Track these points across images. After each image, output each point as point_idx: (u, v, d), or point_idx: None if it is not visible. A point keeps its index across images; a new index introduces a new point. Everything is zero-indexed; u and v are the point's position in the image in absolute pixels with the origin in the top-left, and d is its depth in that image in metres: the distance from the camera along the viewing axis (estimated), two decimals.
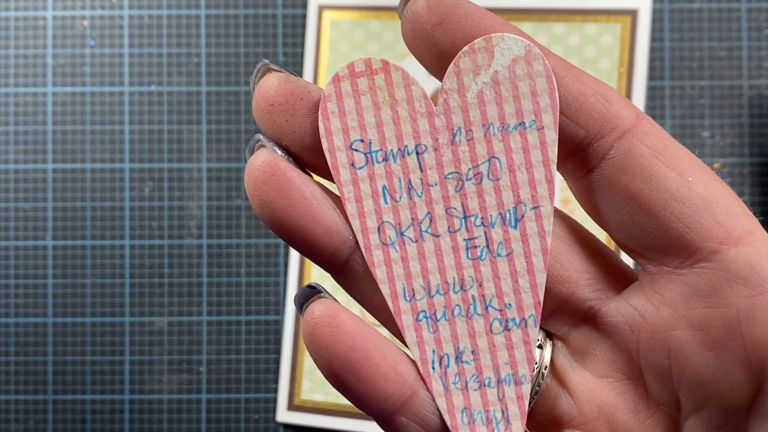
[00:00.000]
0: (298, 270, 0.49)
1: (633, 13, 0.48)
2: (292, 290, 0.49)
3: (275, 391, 0.49)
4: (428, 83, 0.48)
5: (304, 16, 0.50)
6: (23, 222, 0.50)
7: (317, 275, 0.48)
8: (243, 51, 0.50)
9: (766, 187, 0.48)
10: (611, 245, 0.42)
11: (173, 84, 0.50)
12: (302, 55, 0.50)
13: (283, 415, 0.48)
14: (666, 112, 0.49)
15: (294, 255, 0.49)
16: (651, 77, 0.49)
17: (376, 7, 0.49)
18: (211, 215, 0.49)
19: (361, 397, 0.19)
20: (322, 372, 0.19)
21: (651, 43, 0.49)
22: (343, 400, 0.48)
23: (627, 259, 0.41)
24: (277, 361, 0.49)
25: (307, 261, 0.48)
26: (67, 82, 0.50)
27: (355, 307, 0.44)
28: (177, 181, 0.49)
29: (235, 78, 0.50)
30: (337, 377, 0.19)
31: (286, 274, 0.49)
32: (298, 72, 0.50)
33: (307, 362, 0.48)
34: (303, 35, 0.50)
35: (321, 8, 0.49)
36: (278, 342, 0.49)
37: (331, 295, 0.19)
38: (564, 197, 0.47)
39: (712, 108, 0.49)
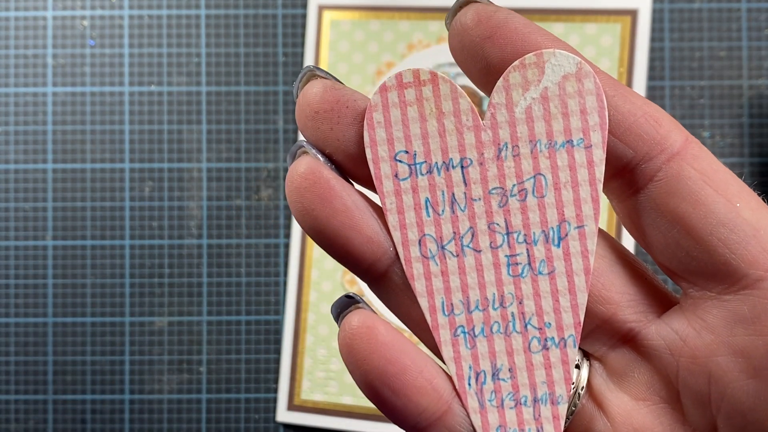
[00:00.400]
0: (298, 270, 0.49)
1: (633, 13, 0.48)
2: (292, 290, 0.49)
3: (275, 391, 0.49)
4: None
5: (304, 16, 0.50)
6: (23, 222, 0.50)
7: (317, 275, 0.48)
8: (243, 51, 0.50)
9: (766, 187, 0.48)
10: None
11: (173, 84, 0.50)
12: (302, 55, 0.50)
13: (283, 415, 0.48)
14: (666, 112, 0.49)
15: (294, 255, 0.49)
16: (651, 77, 0.49)
17: (376, 7, 0.49)
18: (211, 215, 0.49)
19: (396, 411, 0.19)
20: (357, 383, 0.19)
21: (651, 43, 0.49)
22: (342, 401, 0.48)
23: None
24: (277, 361, 0.49)
25: (307, 261, 0.48)
26: (67, 82, 0.50)
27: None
28: (177, 181, 0.49)
29: (235, 78, 0.50)
30: (372, 389, 0.18)
31: (286, 274, 0.49)
32: (298, 72, 0.50)
33: (307, 362, 0.48)
34: (303, 35, 0.50)
35: (321, 8, 0.49)
36: (278, 342, 0.49)
37: (368, 306, 0.19)
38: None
39: (712, 108, 0.49)
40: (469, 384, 0.19)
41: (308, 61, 0.49)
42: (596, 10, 0.48)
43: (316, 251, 0.48)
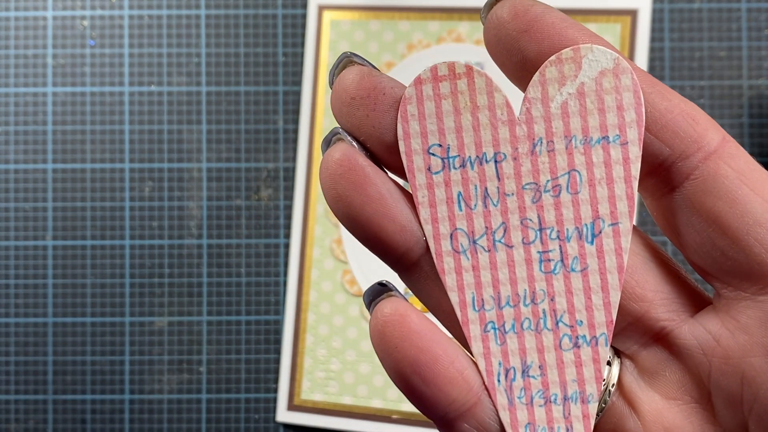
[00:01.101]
0: (298, 270, 0.49)
1: (633, 13, 0.48)
2: (292, 290, 0.49)
3: (275, 391, 0.49)
4: None
5: (304, 16, 0.50)
6: (23, 222, 0.50)
7: (317, 275, 0.48)
8: (243, 51, 0.50)
9: None
10: None
11: (173, 84, 0.50)
12: (302, 55, 0.50)
13: (283, 415, 0.48)
14: None
15: (294, 255, 0.49)
16: None
17: (376, 7, 0.49)
18: (211, 215, 0.49)
19: (426, 400, 0.18)
20: (387, 371, 0.19)
21: (651, 43, 0.49)
22: (342, 401, 0.48)
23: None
24: (277, 361, 0.49)
25: (307, 261, 0.48)
26: (67, 82, 0.50)
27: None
28: (177, 181, 0.49)
29: (235, 78, 0.50)
30: (403, 378, 0.18)
31: (286, 274, 0.49)
32: (298, 72, 0.50)
33: (307, 362, 0.48)
34: (303, 35, 0.50)
35: (321, 8, 0.49)
36: (278, 342, 0.49)
37: (401, 294, 0.19)
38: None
39: (712, 108, 0.49)
40: (498, 380, 0.19)
41: (308, 61, 0.49)
42: (596, 10, 0.48)
43: (316, 251, 0.49)
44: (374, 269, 0.48)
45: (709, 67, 0.49)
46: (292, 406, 0.48)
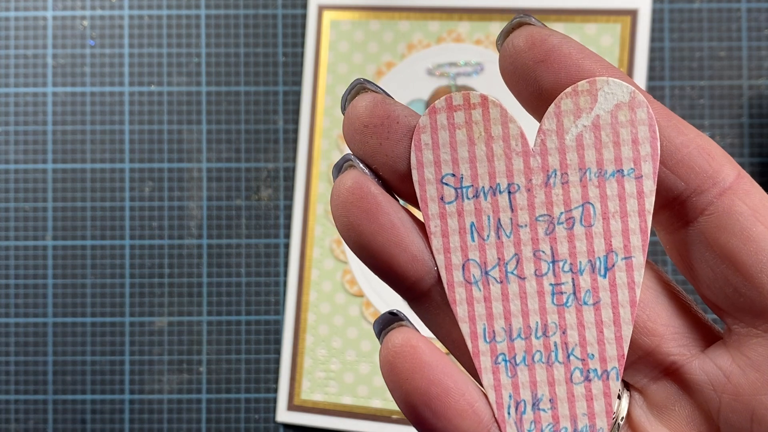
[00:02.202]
0: (298, 270, 0.49)
1: (633, 13, 0.48)
2: (292, 290, 0.49)
3: (275, 391, 0.49)
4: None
5: (304, 16, 0.50)
6: (23, 222, 0.50)
7: (317, 275, 0.48)
8: (243, 51, 0.50)
9: (766, 187, 0.48)
10: None
11: (173, 84, 0.50)
12: (302, 55, 0.50)
13: (283, 415, 0.48)
14: None
15: (294, 255, 0.49)
16: (651, 77, 0.49)
17: (376, 7, 0.49)
18: (211, 215, 0.49)
19: None
20: (397, 402, 0.19)
21: (651, 43, 0.49)
22: (342, 401, 0.48)
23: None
24: (277, 361, 0.49)
25: (307, 261, 0.48)
26: (67, 82, 0.50)
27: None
28: (177, 181, 0.49)
29: (235, 78, 0.50)
30: (413, 410, 0.18)
31: (286, 274, 0.49)
32: (298, 72, 0.50)
33: (307, 362, 0.48)
34: (303, 35, 0.50)
35: (321, 8, 0.49)
36: (278, 342, 0.49)
37: (412, 324, 0.19)
38: None
39: (712, 108, 0.49)
40: (509, 413, 0.19)
41: (308, 61, 0.49)
42: (596, 10, 0.48)
43: (316, 251, 0.49)
44: None
45: (709, 67, 0.49)
46: (292, 406, 0.48)
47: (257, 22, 0.50)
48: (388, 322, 0.19)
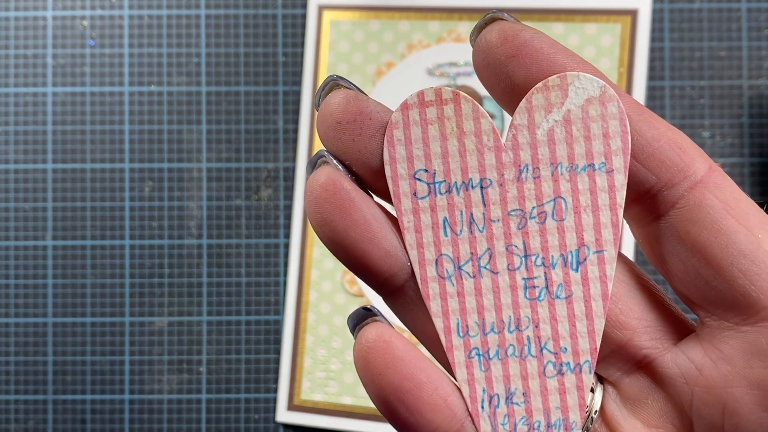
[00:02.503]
0: (298, 270, 0.49)
1: (633, 13, 0.48)
2: (292, 290, 0.49)
3: (275, 391, 0.49)
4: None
5: (304, 16, 0.50)
6: (23, 222, 0.50)
7: (317, 275, 0.48)
8: (243, 51, 0.50)
9: (766, 187, 0.48)
10: None
11: (173, 84, 0.50)
12: (302, 55, 0.50)
13: (283, 415, 0.48)
14: (666, 112, 0.49)
15: (294, 255, 0.49)
16: (651, 77, 0.49)
17: (376, 7, 0.49)
18: (211, 215, 0.49)
19: (409, 427, 0.18)
20: (370, 397, 0.19)
21: (651, 43, 0.49)
22: (342, 401, 0.48)
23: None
24: (277, 361, 0.49)
25: (307, 261, 0.48)
26: (67, 82, 0.50)
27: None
28: (177, 181, 0.49)
29: (235, 78, 0.50)
30: (386, 404, 0.18)
31: (286, 274, 0.49)
32: (298, 72, 0.50)
33: (307, 362, 0.48)
34: (303, 35, 0.50)
35: (321, 8, 0.49)
36: (278, 342, 0.49)
37: (385, 319, 0.19)
38: None
39: (712, 108, 0.49)
40: (482, 407, 0.19)
41: (308, 61, 0.49)
42: (596, 10, 0.48)
43: (316, 251, 0.49)
44: None
45: (709, 67, 0.49)
46: (292, 406, 0.48)
47: (257, 22, 0.50)
48: (361, 317, 0.19)
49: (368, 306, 0.19)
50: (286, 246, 0.49)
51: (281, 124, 0.49)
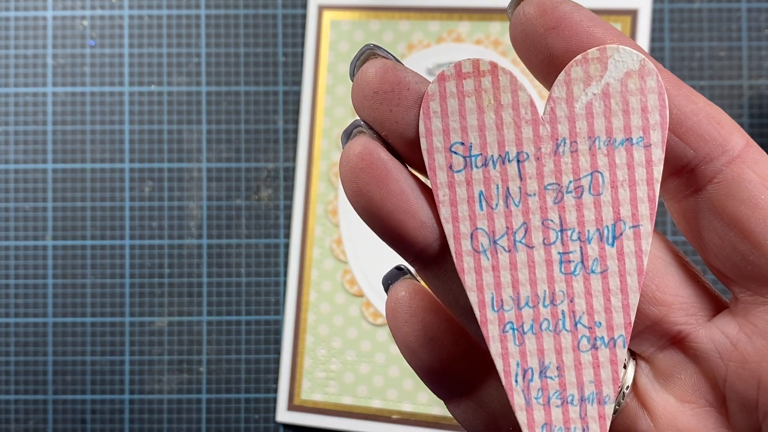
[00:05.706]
0: (298, 270, 0.49)
1: (633, 13, 0.48)
2: (292, 290, 0.49)
3: (275, 391, 0.49)
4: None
5: (304, 16, 0.50)
6: (23, 222, 0.50)
7: (317, 275, 0.48)
8: (243, 51, 0.50)
9: None
10: None
11: (173, 84, 0.50)
12: (302, 55, 0.50)
13: (283, 415, 0.48)
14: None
15: (294, 255, 0.49)
16: None
17: (376, 7, 0.49)
18: (211, 215, 0.49)
19: (436, 380, 0.19)
20: (399, 348, 0.20)
21: (651, 43, 0.49)
22: (342, 401, 0.48)
23: None
24: (277, 361, 0.49)
25: (307, 261, 0.48)
26: (67, 82, 0.50)
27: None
28: (177, 181, 0.49)
29: (235, 78, 0.50)
30: (412, 353, 0.19)
31: (286, 274, 0.49)
32: (298, 72, 0.50)
33: (307, 362, 0.48)
34: (303, 35, 0.50)
35: (321, 8, 0.49)
36: (278, 342, 0.49)
37: (416, 277, 0.19)
38: None
39: None
40: (516, 380, 0.19)
41: (308, 61, 0.49)
42: (596, 10, 0.48)
43: (316, 251, 0.49)
44: (374, 269, 0.48)
45: (709, 67, 0.49)
46: (292, 406, 0.48)
47: (257, 22, 0.50)
48: (394, 276, 0.20)
49: (401, 266, 0.20)
50: (286, 246, 0.49)
51: (281, 124, 0.49)
